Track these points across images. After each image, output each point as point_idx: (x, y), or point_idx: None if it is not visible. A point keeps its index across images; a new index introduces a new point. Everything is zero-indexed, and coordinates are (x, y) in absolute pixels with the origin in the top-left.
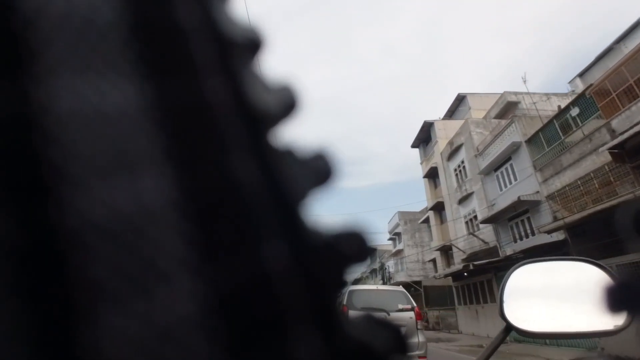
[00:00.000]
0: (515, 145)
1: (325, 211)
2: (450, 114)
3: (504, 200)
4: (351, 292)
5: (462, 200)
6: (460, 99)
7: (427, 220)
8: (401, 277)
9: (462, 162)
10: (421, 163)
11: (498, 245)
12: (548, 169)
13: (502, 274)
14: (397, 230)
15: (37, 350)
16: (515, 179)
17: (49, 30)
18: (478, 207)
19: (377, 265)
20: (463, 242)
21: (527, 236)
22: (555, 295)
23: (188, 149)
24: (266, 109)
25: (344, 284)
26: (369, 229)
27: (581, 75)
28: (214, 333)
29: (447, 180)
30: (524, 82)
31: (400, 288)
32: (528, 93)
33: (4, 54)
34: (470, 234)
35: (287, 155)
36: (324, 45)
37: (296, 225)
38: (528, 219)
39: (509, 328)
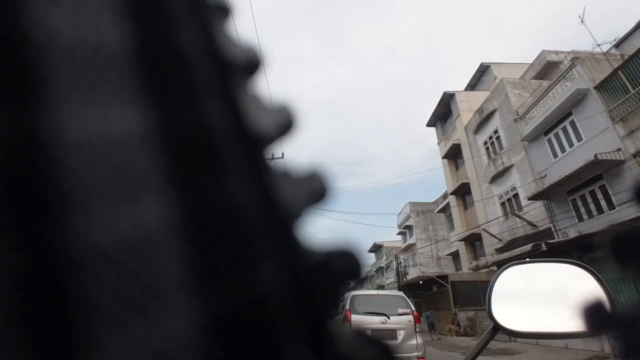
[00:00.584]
0: (580, 93)
1: (326, 211)
2: (471, 87)
3: (561, 169)
4: (354, 297)
5: (497, 178)
6: (482, 70)
7: (444, 210)
8: (414, 273)
9: (496, 131)
10: (438, 143)
11: (553, 227)
12: (634, 118)
13: (589, 257)
14: (407, 223)
15: None
16: (578, 139)
17: (59, 59)
18: (520, 182)
19: (383, 264)
20: (497, 228)
21: (599, 211)
22: (542, 296)
23: (188, 172)
24: (263, 129)
25: (337, 302)
26: (361, 248)
27: (618, 45)
28: (209, 354)
29: (474, 157)
30: (582, 21)
31: (400, 293)
32: (572, 52)
33: (16, 82)
34: (514, 214)
35: (283, 175)
36: (324, 47)
37: (291, 245)
38: (602, 187)
39: (497, 328)
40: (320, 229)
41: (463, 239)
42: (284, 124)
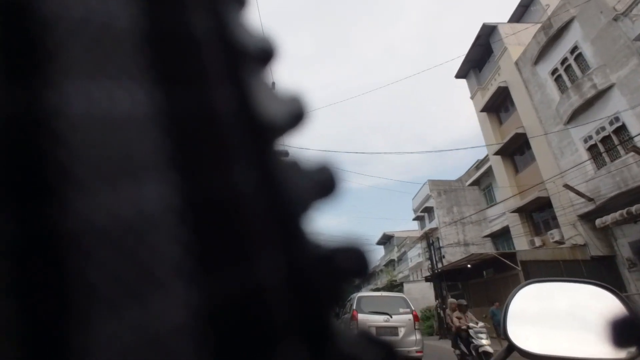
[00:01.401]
0: None
1: (329, 212)
2: (517, 20)
3: None
4: (360, 298)
5: (581, 112)
6: (526, 4)
7: (478, 182)
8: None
9: (574, 49)
10: (472, 97)
11: None
12: None
13: None
14: (427, 205)
15: (29, 352)
16: None
17: (66, 34)
18: (627, 104)
19: (394, 256)
20: (584, 186)
21: None
22: (562, 317)
23: (192, 157)
24: (273, 119)
25: (340, 299)
26: (368, 243)
27: None
28: (204, 343)
29: (534, 95)
30: None
31: (401, 294)
32: None
33: (20, 55)
34: (632, 149)
35: (292, 167)
36: (326, 46)
37: (296, 237)
38: None
39: (511, 348)
40: (326, 226)
41: (519, 209)
42: (295, 114)
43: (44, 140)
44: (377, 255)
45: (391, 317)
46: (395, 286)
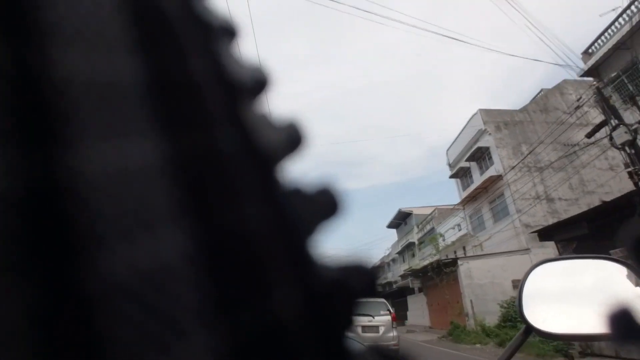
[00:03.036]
0: None
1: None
2: None
3: None
4: None
5: None
6: None
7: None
8: (507, 230)
9: None
10: None
11: None
12: None
13: None
14: (479, 145)
15: None
16: None
17: (77, 97)
18: None
19: (414, 238)
20: None
21: None
22: (577, 295)
23: (203, 201)
24: (274, 148)
25: (352, 320)
26: (374, 262)
27: None
28: None
29: None
30: None
31: (382, 300)
32: None
33: (37, 120)
34: None
35: (295, 193)
36: (320, 47)
37: (305, 266)
38: None
39: (529, 329)
40: (329, 241)
41: None
42: (294, 140)
43: (66, 202)
44: (388, 242)
45: (374, 318)
46: (436, 268)
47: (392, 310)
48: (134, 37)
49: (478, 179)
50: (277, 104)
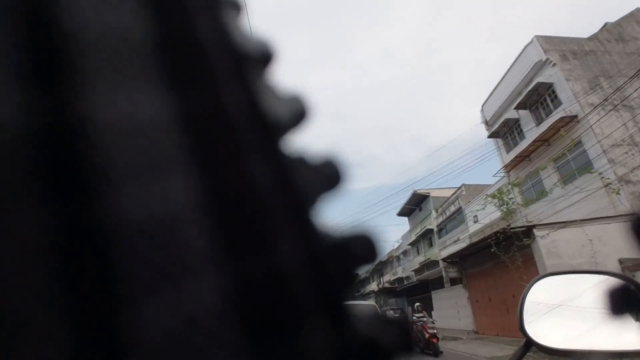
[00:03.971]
0: None
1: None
2: None
3: None
4: None
5: None
6: None
7: None
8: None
9: None
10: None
11: None
12: None
13: None
14: (539, 82)
15: (82, 337)
16: None
17: (88, 45)
18: None
19: (433, 224)
20: None
21: None
22: (580, 310)
23: (210, 153)
24: (279, 117)
25: (353, 282)
26: (377, 231)
27: None
28: (236, 323)
29: None
30: None
31: (373, 303)
32: None
33: (49, 66)
34: None
35: (300, 161)
36: (321, 48)
37: (309, 226)
38: None
39: (529, 344)
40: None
41: None
42: (298, 112)
43: (78, 144)
44: (397, 234)
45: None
46: (502, 241)
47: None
48: None
49: (533, 133)
50: (281, 78)
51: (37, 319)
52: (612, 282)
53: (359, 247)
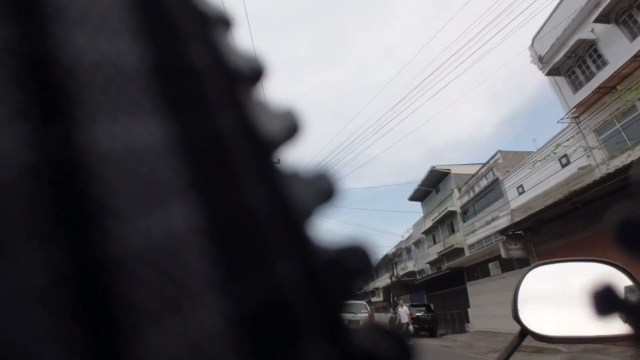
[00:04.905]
0: None
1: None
2: None
3: None
4: None
5: None
6: None
7: None
8: None
9: None
10: None
11: None
12: None
13: None
14: None
15: None
16: None
17: (84, 78)
18: None
19: (456, 205)
20: None
21: None
22: (573, 298)
23: (207, 178)
24: (272, 134)
25: (349, 295)
26: (371, 243)
27: None
28: (238, 345)
29: None
30: None
31: (363, 302)
32: None
33: (48, 101)
34: None
35: (294, 177)
36: (321, 48)
37: (304, 243)
38: None
39: (524, 332)
40: (328, 229)
41: None
42: (290, 128)
43: (80, 177)
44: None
45: (356, 315)
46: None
47: (369, 310)
48: (137, 23)
49: (620, 57)
50: (273, 92)
51: (46, 357)
52: (604, 270)
53: (354, 259)
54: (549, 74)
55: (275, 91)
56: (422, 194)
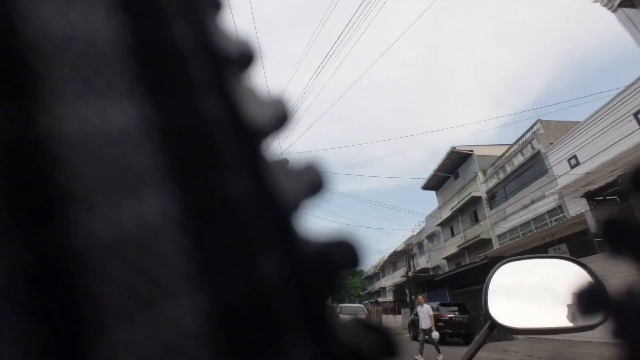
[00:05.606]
0: None
1: (330, 215)
2: None
3: None
4: (340, 307)
5: None
6: None
7: None
8: None
9: None
10: None
11: None
12: None
13: None
14: None
15: None
16: None
17: (52, 53)
18: None
19: (481, 191)
20: None
21: None
22: (538, 292)
23: (186, 166)
24: (259, 122)
25: (336, 289)
26: (359, 237)
27: None
28: (215, 343)
29: None
30: None
31: (361, 305)
32: None
33: (8, 77)
34: None
35: (280, 168)
36: (322, 49)
37: (289, 236)
38: None
39: (493, 325)
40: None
41: None
42: (279, 116)
43: (43, 162)
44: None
45: (355, 316)
46: None
47: (366, 311)
48: None
49: None
50: (267, 80)
51: (1, 352)
52: (565, 265)
53: (340, 254)
54: (621, 4)
55: (275, 85)
56: (437, 181)
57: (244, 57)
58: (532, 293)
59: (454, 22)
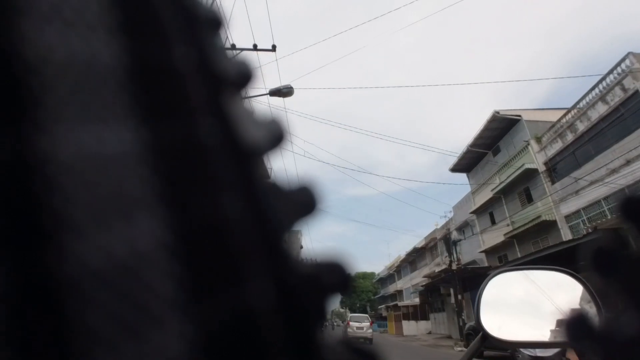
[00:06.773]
0: None
1: (333, 217)
2: None
3: None
4: (351, 317)
5: None
6: None
7: None
8: None
9: None
10: None
11: None
12: None
13: None
14: None
15: None
16: None
17: (51, 77)
18: None
19: (537, 162)
20: None
21: None
22: (531, 304)
23: (179, 190)
24: (255, 144)
25: (325, 315)
26: (350, 259)
27: None
28: None
29: None
30: None
31: (366, 315)
32: None
33: (7, 100)
34: None
35: (274, 189)
36: (329, 54)
37: (279, 259)
38: None
39: (485, 337)
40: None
41: None
42: (275, 137)
43: (37, 186)
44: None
45: (361, 323)
46: None
47: (370, 319)
48: (115, 19)
49: None
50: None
51: None
52: (559, 277)
53: (331, 277)
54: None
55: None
56: (468, 161)
57: (242, 76)
58: (525, 305)
59: (459, 24)
